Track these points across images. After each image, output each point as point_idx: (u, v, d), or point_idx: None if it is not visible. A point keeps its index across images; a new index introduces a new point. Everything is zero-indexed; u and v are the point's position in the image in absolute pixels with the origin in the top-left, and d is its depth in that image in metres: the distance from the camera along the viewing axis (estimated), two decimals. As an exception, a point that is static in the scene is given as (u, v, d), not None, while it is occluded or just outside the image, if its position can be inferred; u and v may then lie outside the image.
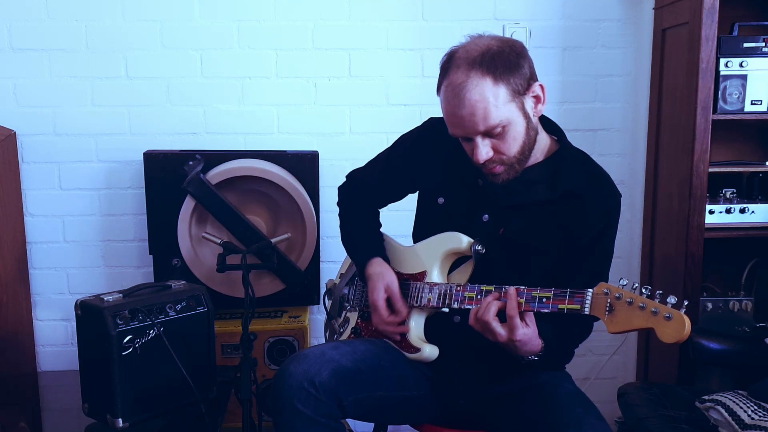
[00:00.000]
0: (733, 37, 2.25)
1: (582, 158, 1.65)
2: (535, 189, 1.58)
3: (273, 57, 2.50)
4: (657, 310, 1.29)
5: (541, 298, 1.42)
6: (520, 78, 1.47)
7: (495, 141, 1.49)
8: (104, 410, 1.74)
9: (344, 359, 1.57)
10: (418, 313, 1.66)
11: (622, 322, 1.33)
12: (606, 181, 1.62)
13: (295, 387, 1.49)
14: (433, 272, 1.65)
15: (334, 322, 1.88)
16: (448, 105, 1.49)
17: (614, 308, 1.34)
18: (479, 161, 1.51)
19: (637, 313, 1.31)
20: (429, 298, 1.62)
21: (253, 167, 2.25)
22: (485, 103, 1.44)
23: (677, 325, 1.27)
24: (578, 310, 1.38)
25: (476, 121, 1.46)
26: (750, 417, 1.73)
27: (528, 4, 2.53)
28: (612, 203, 1.60)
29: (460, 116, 1.47)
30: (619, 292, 1.33)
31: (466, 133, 1.50)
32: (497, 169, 1.53)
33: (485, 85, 1.44)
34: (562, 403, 1.53)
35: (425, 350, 1.62)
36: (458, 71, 1.46)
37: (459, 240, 1.60)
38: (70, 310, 1.87)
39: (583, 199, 1.56)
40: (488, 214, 1.62)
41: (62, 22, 2.42)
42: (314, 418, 1.49)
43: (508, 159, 1.52)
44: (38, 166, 2.49)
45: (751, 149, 2.53)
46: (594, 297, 1.36)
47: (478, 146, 1.49)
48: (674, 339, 1.27)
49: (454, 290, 1.57)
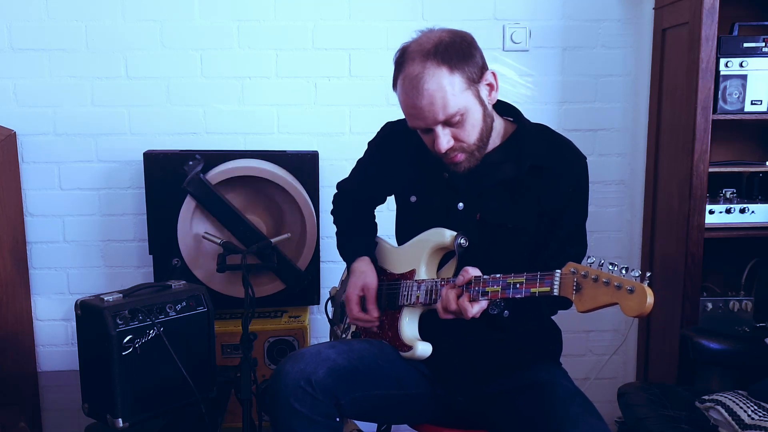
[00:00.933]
0: (733, 37, 2.25)
1: (541, 132, 1.68)
2: (501, 168, 1.62)
3: (273, 57, 2.50)
4: (620, 284, 1.28)
5: (515, 284, 1.44)
6: (474, 66, 1.51)
7: (454, 130, 1.53)
8: (104, 410, 1.74)
9: (340, 358, 1.57)
10: (410, 311, 1.67)
11: (590, 300, 1.32)
12: (568, 148, 1.65)
13: (292, 386, 1.49)
14: (422, 270, 1.67)
15: (336, 328, 1.89)
16: (406, 97, 1.52)
17: (582, 287, 1.33)
18: (441, 150, 1.54)
19: (603, 290, 1.30)
20: (417, 295, 1.63)
21: (253, 167, 2.25)
22: (443, 92, 1.48)
23: (639, 298, 1.25)
24: (548, 292, 1.39)
25: (436, 110, 1.49)
26: (750, 417, 1.73)
27: (528, 4, 2.53)
28: (577, 167, 1.63)
29: (419, 107, 1.50)
30: (585, 270, 1.33)
31: (426, 124, 1.53)
32: (458, 157, 1.56)
33: (441, 74, 1.48)
34: (560, 402, 1.53)
35: (417, 348, 1.63)
36: (413, 63, 1.49)
37: (442, 235, 1.62)
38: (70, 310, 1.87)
39: (550, 170, 1.60)
40: (462, 202, 1.64)
41: (62, 22, 2.42)
42: (311, 417, 1.49)
43: (468, 146, 1.55)
44: (38, 166, 2.49)
45: (751, 149, 2.53)
46: (562, 277, 1.37)
47: (439, 136, 1.52)
48: (637, 312, 1.26)
49: (439, 285, 1.59)
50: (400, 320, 1.67)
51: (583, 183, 1.64)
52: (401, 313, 1.67)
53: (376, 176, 1.83)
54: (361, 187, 1.89)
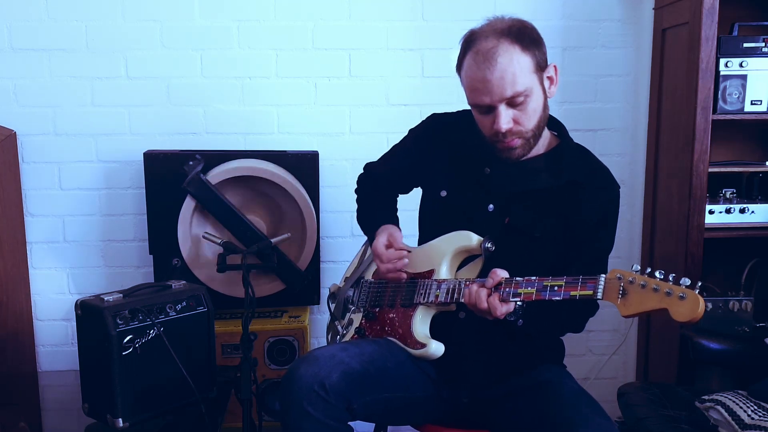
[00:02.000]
0: (733, 37, 2.25)
1: (583, 152, 1.70)
2: (539, 177, 1.62)
3: (273, 57, 2.50)
4: (671, 291, 1.30)
5: (553, 286, 1.43)
6: (542, 54, 1.55)
7: (516, 112, 1.53)
8: (104, 410, 1.74)
9: (353, 361, 1.57)
10: (425, 309, 1.66)
11: (636, 305, 1.34)
12: (606, 173, 1.67)
13: (305, 389, 1.49)
14: (442, 269, 1.65)
15: (337, 323, 1.88)
16: (476, 71, 1.52)
17: (627, 292, 1.35)
18: (501, 129, 1.53)
19: (651, 295, 1.32)
20: (437, 294, 1.62)
21: (253, 167, 2.25)
22: (514, 68, 1.49)
23: (691, 304, 1.28)
24: (591, 295, 1.39)
25: (504, 85, 1.50)
26: (750, 417, 1.73)
27: (528, 4, 2.53)
28: (612, 193, 1.65)
29: (488, 81, 1.50)
30: (632, 276, 1.35)
31: (492, 100, 1.52)
32: (515, 142, 1.56)
33: (514, 51, 1.50)
34: (567, 402, 1.53)
35: (431, 346, 1.62)
36: (487, 40, 1.52)
37: (469, 238, 1.61)
38: (70, 310, 1.87)
39: (584, 188, 1.61)
40: (493, 204, 1.64)
41: (62, 22, 2.42)
42: (323, 421, 1.48)
43: (526, 132, 1.56)
44: (38, 166, 2.49)
45: (751, 149, 2.53)
46: (607, 282, 1.38)
47: (501, 115, 1.52)
48: (688, 317, 1.28)
49: (462, 285, 1.58)
50: (413, 318, 1.66)
51: (614, 210, 1.65)
52: (415, 310, 1.67)
53: (409, 165, 1.81)
54: (390, 171, 1.88)
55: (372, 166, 1.94)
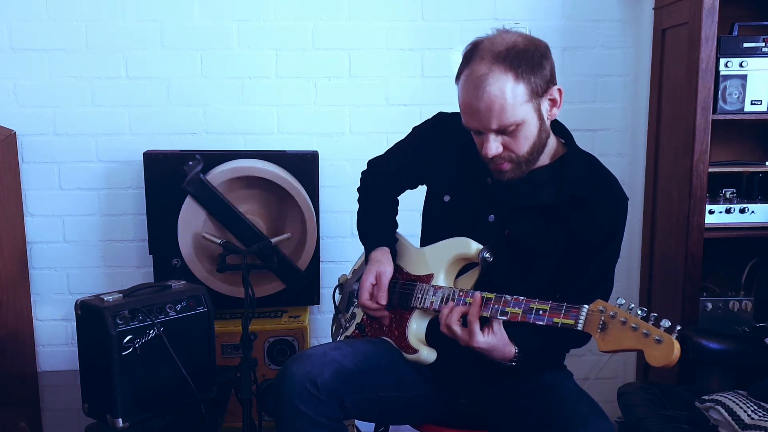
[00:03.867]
0: (733, 37, 2.25)
1: (590, 161, 1.64)
2: (542, 191, 1.58)
3: (273, 57, 2.50)
4: (648, 332, 1.28)
5: (538, 310, 1.43)
6: (541, 79, 1.47)
7: (507, 138, 1.50)
8: (104, 410, 1.74)
9: (346, 360, 1.57)
10: (421, 314, 1.66)
11: (613, 341, 1.33)
12: (614, 186, 1.61)
13: (297, 387, 1.49)
14: (440, 276, 1.65)
15: (341, 316, 1.89)
16: (465, 96, 1.48)
17: (607, 326, 1.34)
18: (487, 156, 1.51)
19: (629, 334, 1.31)
20: (432, 300, 1.61)
21: (253, 167, 2.25)
22: (503, 101, 1.44)
23: (666, 350, 1.26)
24: (572, 325, 1.38)
25: (491, 117, 1.45)
26: (750, 417, 1.73)
27: (528, 4, 2.53)
28: (619, 208, 1.59)
29: (476, 109, 1.46)
30: (613, 311, 1.33)
31: (479, 127, 1.50)
32: (504, 166, 1.53)
33: (506, 81, 1.43)
34: (567, 403, 1.53)
35: (422, 353, 1.62)
36: (481, 63, 1.45)
37: (468, 246, 1.60)
38: (70, 310, 1.87)
39: (590, 204, 1.56)
40: (494, 215, 1.62)
41: (62, 22, 2.42)
42: (315, 419, 1.49)
43: (517, 158, 1.52)
44: (38, 166, 2.49)
45: (751, 149, 2.53)
46: (589, 313, 1.36)
47: (489, 141, 1.49)
48: (662, 363, 1.27)
49: (456, 295, 1.57)
50: (408, 321, 1.66)
51: (621, 224, 1.60)
52: (411, 314, 1.66)
53: (415, 163, 1.78)
54: (397, 170, 1.84)
55: (376, 163, 1.90)
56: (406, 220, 1.90)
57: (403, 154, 1.82)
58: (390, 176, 1.86)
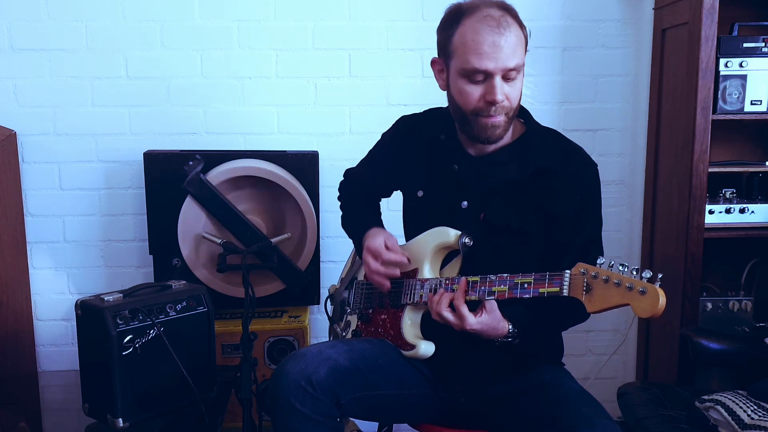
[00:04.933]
0: (733, 37, 2.25)
1: (551, 135, 1.68)
2: (507, 169, 1.61)
3: (273, 57, 2.50)
4: (632, 285, 1.28)
5: (523, 284, 1.44)
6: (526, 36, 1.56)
7: (507, 87, 1.53)
8: (104, 410, 1.74)
9: (342, 357, 1.57)
10: (413, 310, 1.67)
11: (600, 301, 1.33)
12: (578, 154, 1.64)
13: (293, 385, 1.49)
14: (425, 268, 1.65)
15: (336, 326, 1.88)
16: (487, 34, 1.50)
17: (591, 287, 1.34)
18: (496, 99, 1.51)
19: (613, 290, 1.31)
20: (421, 294, 1.62)
21: (253, 167, 2.25)
22: (519, 41, 1.51)
23: (651, 299, 1.26)
24: (557, 292, 1.39)
25: (510, 55, 1.50)
26: (750, 417, 1.73)
27: (528, 4, 2.52)
28: (587, 174, 1.63)
29: (499, 46, 1.49)
30: (595, 271, 1.33)
31: (495, 67, 1.50)
32: (499, 118, 1.55)
33: (516, 26, 1.52)
34: (569, 403, 1.53)
35: (420, 347, 1.62)
36: (491, 8, 1.52)
37: (446, 234, 1.61)
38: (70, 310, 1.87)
39: (558, 175, 1.59)
40: (467, 201, 1.64)
41: (62, 22, 2.42)
42: (312, 417, 1.49)
43: (509, 109, 1.55)
44: (38, 166, 2.49)
45: (751, 149, 2.53)
46: (572, 278, 1.37)
47: (498, 85, 1.51)
48: (649, 313, 1.26)
49: (443, 284, 1.58)
50: (402, 318, 1.66)
51: (594, 191, 1.63)
52: (404, 311, 1.67)
53: (386, 168, 1.82)
54: (370, 178, 1.88)
55: (351, 172, 1.94)
56: (390, 219, 1.90)
57: (375, 160, 1.87)
58: (365, 184, 1.90)
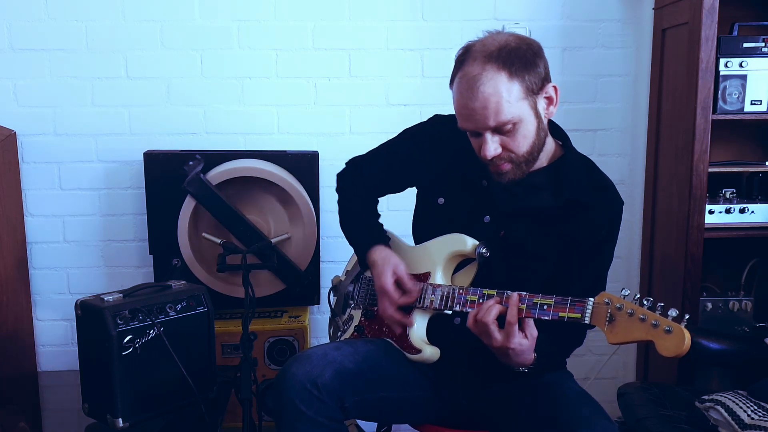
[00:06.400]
0: (733, 37, 2.25)
1: (587, 165, 1.64)
2: (539, 195, 1.58)
3: (273, 57, 2.50)
4: (657, 322, 1.28)
5: (543, 304, 1.42)
6: (535, 77, 1.47)
7: (504, 138, 1.49)
8: (104, 410, 1.74)
9: (347, 360, 1.57)
10: (421, 313, 1.65)
11: (622, 333, 1.32)
12: (610, 190, 1.61)
13: (298, 388, 1.49)
14: (437, 273, 1.64)
15: (338, 319, 1.88)
16: (460, 96, 1.48)
17: (615, 318, 1.33)
18: (486, 157, 1.50)
19: (637, 325, 1.30)
20: (432, 299, 1.61)
21: (253, 167, 2.25)
22: (498, 98, 1.44)
23: (677, 340, 1.26)
24: (579, 318, 1.38)
25: (488, 115, 1.45)
26: (750, 417, 1.73)
27: (528, 4, 2.53)
28: (615, 213, 1.60)
29: (471, 108, 1.46)
30: (620, 303, 1.33)
31: (476, 127, 1.49)
32: (505, 166, 1.52)
33: (500, 79, 1.44)
34: (570, 404, 1.53)
35: (426, 351, 1.61)
36: (474, 63, 1.46)
37: (464, 242, 1.59)
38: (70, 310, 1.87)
39: (587, 208, 1.56)
40: (490, 216, 1.62)
41: (62, 22, 2.42)
42: (316, 419, 1.48)
43: (517, 158, 1.51)
44: (38, 166, 2.49)
45: (751, 149, 2.53)
46: (595, 306, 1.36)
47: (487, 142, 1.48)
48: (673, 353, 1.26)
49: (456, 293, 1.56)
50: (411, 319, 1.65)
51: (616, 227, 1.61)
52: (411, 314, 1.65)
53: (402, 162, 1.76)
54: (382, 171, 1.81)
55: (359, 163, 1.87)
56: (395, 220, 1.89)
57: (393, 154, 1.80)
58: (375, 175, 1.83)
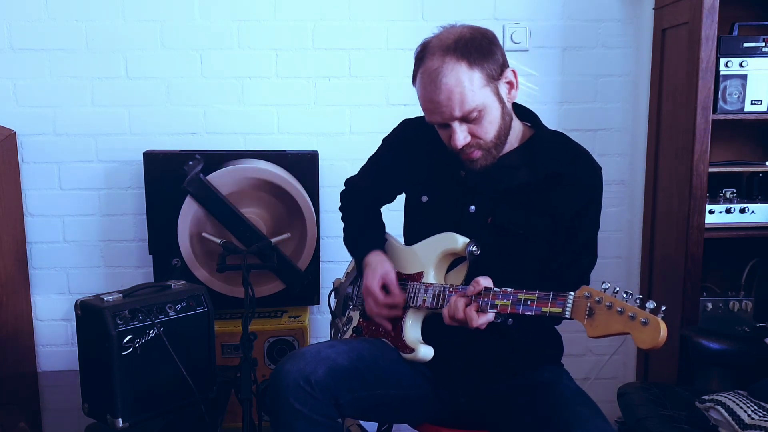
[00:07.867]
0: (733, 37, 2.25)
1: (559, 139, 1.68)
2: (515, 173, 1.61)
3: (273, 57, 2.50)
4: (634, 314, 1.28)
5: (526, 300, 1.43)
6: (494, 63, 1.51)
7: (472, 126, 1.52)
8: (104, 410, 1.74)
9: (340, 357, 1.57)
10: (414, 313, 1.66)
11: (601, 327, 1.33)
12: (585, 158, 1.65)
13: (292, 385, 1.49)
14: (430, 273, 1.65)
15: (338, 320, 1.89)
16: (424, 92, 1.51)
17: (594, 312, 1.34)
18: (457, 146, 1.53)
19: (616, 318, 1.31)
20: (424, 298, 1.62)
21: (253, 167, 2.25)
22: (461, 88, 1.47)
23: (653, 331, 1.26)
24: (560, 313, 1.39)
25: (453, 106, 1.48)
26: (750, 417, 1.73)
27: (528, 4, 2.53)
28: (593, 178, 1.63)
29: (437, 102, 1.49)
30: (599, 296, 1.33)
31: (443, 119, 1.52)
32: (475, 153, 1.55)
33: (460, 69, 1.47)
34: (566, 403, 1.53)
35: (420, 351, 1.62)
36: (433, 58, 1.49)
37: (454, 241, 1.61)
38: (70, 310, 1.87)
39: (565, 178, 1.59)
40: (474, 205, 1.64)
41: (62, 22, 2.42)
42: (311, 417, 1.49)
43: (485, 143, 1.54)
44: (38, 166, 2.49)
45: (751, 149, 2.53)
46: (575, 300, 1.37)
47: (456, 131, 1.52)
48: (649, 345, 1.26)
49: (446, 291, 1.58)
50: (403, 321, 1.66)
51: (598, 194, 1.64)
52: (405, 314, 1.66)
53: (388, 174, 1.81)
54: (372, 184, 1.86)
55: (353, 180, 1.93)
56: (390, 220, 1.90)
57: (376, 165, 1.85)
58: (367, 190, 1.88)
